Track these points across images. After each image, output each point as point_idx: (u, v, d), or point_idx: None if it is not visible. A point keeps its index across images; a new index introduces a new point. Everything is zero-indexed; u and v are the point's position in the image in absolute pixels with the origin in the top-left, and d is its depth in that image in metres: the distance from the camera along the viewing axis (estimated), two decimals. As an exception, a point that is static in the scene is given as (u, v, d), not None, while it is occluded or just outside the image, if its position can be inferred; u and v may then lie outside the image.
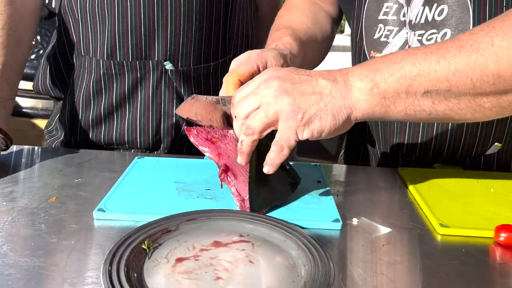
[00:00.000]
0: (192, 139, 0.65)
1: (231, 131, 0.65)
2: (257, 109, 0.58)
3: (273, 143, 0.59)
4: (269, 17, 1.13)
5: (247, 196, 0.62)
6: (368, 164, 0.98)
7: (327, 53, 0.97)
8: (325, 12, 0.96)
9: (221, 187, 0.66)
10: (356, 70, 0.59)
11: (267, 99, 0.57)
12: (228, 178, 0.64)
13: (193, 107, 0.65)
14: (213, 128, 0.65)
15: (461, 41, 0.56)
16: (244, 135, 0.59)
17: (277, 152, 0.59)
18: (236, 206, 0.63)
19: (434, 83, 0.56)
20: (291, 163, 0.78)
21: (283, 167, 0.69)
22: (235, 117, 0.60)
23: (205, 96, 0.67)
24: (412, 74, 0.56)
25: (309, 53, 0.84)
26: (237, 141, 0.63)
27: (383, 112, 0.59)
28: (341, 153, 1.11)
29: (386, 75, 0.57)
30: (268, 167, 0.61)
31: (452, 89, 0.56)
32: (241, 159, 0.61)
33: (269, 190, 0.65)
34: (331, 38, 0.97)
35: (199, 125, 0.66)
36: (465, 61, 0.54)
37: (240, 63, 0.67)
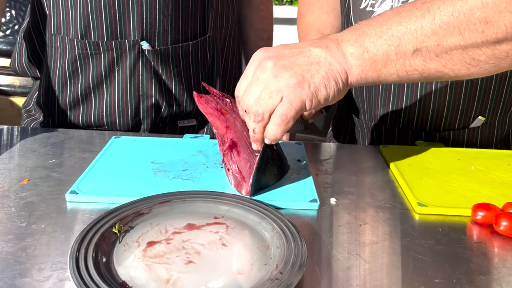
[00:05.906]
0: (200, 106, 0.64)
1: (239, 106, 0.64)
2: (260, 94, 0.57)
3: (274, 115, 0.57)
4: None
5: (250, 179, 0.61)
6: (354, 139, 0.97)
7: None
8: None
9: (223, 162, 0.65)
10: (346, 36, 0.58)
11: (267, 81, 0.57)
12: (232, 154, 0.63)
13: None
14: (223, 100, 0.65)
15: None
16: (255, 123, 0.58)
17: (281, 124, 0.57)
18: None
19: (422, 39, 0.54)
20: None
21: (271, 146, 0.67)
22: (245, 111, 0.59)
23: None
24: (399, 34, 0.55)
25: None
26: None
27: (375, 77, 0.58)
28: (330, 130, 1.10)
29: (375, 38, 0.56)
30: (269, 141, 0.60)
31: (441, 43, 0.54)
32: (256, 146, 0.61)
33: (265, 176, 0.64)
34: None
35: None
36: (450, 12, 0.52)
37: None
